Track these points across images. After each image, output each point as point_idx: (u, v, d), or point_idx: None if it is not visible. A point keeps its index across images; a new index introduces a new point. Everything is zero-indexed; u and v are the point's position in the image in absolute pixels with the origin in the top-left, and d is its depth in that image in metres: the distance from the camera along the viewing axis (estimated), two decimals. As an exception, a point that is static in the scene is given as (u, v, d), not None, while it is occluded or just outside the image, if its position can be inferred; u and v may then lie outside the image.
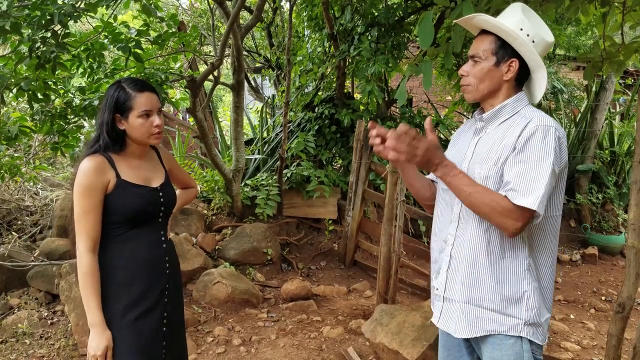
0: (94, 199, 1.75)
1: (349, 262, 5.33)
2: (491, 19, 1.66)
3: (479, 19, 1.68)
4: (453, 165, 1.57)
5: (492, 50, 1.66)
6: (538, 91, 1.71)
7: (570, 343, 3.81)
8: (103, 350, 1.73)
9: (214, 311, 4.09)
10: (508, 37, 1.63)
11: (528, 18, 1.65)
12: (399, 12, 5.62)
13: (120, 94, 1.80)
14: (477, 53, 1.68)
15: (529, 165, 1.54)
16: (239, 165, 5.24)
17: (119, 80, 1.86)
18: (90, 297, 1.73)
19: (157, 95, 1.87)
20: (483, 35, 1.70)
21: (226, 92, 15.15)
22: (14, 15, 2.84)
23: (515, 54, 1.65)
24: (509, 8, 1.70)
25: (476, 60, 1.69)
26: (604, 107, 6.92)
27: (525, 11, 1.67)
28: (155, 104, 1.85)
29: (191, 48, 4.69)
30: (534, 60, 1.65)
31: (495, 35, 1.66)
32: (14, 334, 3.67)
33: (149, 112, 1.82)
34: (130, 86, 1.82)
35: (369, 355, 3.46)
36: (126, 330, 1.78)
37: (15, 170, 4.08)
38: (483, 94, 1.70)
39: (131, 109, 1.80)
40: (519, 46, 1.63)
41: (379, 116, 6.12)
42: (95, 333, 1.74)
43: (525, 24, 1.64)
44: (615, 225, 6.80)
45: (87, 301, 1.74)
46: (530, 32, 1.64)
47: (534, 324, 1.63)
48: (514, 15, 1.66)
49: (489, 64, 1.67)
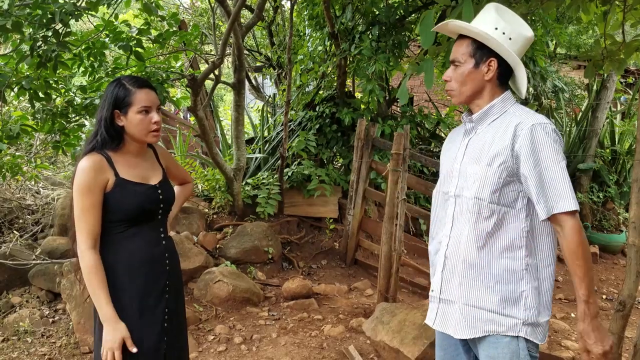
0: (94, 197, 1.75)
1: (349, 260, 5.33)
2: (463, 23, 1.69)
3: (452, 25, 1.71)
4: (588, 294, 1.57)
5: (470, 53, 1.68)
6: (521, 87, 1.73)
7: (571, 341, 3.81)
8: (120, 342, 1.73)
9: (215, 309, 4.10)
10: (482, 39, 1.66)
11: (502, 16, 1.68)
12: (400, 10, 5.62)
13: (120, 90, 1.81)
14: (457, 57, 1.71)
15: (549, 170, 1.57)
16: (240, 164, 5.25)
17: (119, 78, 1.87)
18: (98, 292, 1.73)
19: (156, 93, 1.88)
20: (461, 39, 1.73)
21: (227, 91, 15.14)
22: (15, 14, 2.84)
23: (494, 53, 1.67)
24: (483, 10, 1.73)
25: (456, 64, 1.72)
26: (605, 105, 6.91)
27: (499, 10, 1.69)
28: (155, 101, 1.85)
29: (192, 47, 4.69)
30: (510, 58, 1.66)
31: (472, 38, 1.69)
32: (16, 332, 3.68)
33: (148, 109, 1.83)
34: (129, 83, 1.83)
35: (370, 354, 3.46)
36: (128, 327, 1.78)
37: (17, 169, 4.08)
38: (467, 95, 1.72)
39: (130, 105, 1.80)
40: (494, 46, 1.65)
41: (380, 115, 6.12)
42: (109, 327, 1.73)
43: (500, 23, 1.66)
44: (616, 224, 6.81)
45: (96, 297, 1.74)
46: (506, 30, 1.65)
47: (532, 324, 1.64)
48: (488, 16, 1.69)
49: (469, 67, 1.69)
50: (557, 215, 1.56)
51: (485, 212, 1.64)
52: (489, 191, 1.63)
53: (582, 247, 1.55)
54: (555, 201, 1.55)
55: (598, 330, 1.55)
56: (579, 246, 1.55)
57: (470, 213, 1.67)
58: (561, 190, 1.55)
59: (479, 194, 1.64)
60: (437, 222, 1.84)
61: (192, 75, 4.38)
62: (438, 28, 1.79)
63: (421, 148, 6.48)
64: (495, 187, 1.62)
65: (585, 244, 1.57)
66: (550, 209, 1.56)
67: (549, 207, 1.56)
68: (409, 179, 4.22)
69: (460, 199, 1.71)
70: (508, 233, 1.64)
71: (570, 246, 1.56)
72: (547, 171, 1.56)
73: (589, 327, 1.56)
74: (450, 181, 1.76)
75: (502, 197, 1.63)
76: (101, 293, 1.74)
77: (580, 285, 1.57)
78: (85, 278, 1.74)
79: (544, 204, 1.56)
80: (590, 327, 1.56)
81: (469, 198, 1.67)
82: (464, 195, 1.69)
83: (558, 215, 1.56)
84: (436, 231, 1.83)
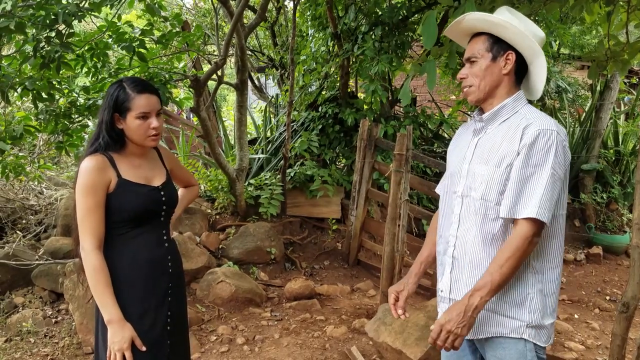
0: (97, 197, 1.75)
1: (352, 261, 5.32)
2: (480, 14, 1.68)
3: (468, 18, 1.70)
4: (482, 285, 1.56)
5: (487, 48, 1.68)
6: (539, 83, 1.72)
7: (575, 343, 3.80)
8: (129, 342, 1.72)
9: (217, 310, 4.10)
10: (500, 28, 1.65)
11: (516, 17, 1.68)
12: (403, 11, 5.61)
13: (120, 94, 1.80)
14: (473, 54, 1.70)
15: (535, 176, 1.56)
16: (242, 165, 5.25)
17: (121, 79, 1.85)
18: (103, 293, 1.72)
19: (157, 97, 1.86)
20: (476, 37, 1.72)
21: (230, 92, 15.17)
22: (19, 15, 2.84)
23: (511, 47, 1.66)
24: (496, 12, 1.73)
25: (473, 60, 1.70)
26: (608, 106, 6.89)
27: (511, 12, 1.70)
28: (155, 106, 1.83)
29: (195, 47, 4.69)
30: (530, 47, 1.65)
31: (487, 34, 1.68)
32: (19, 332, 3.69)
33: (147, 114, 1.81)
34: (130, 86, 1.81)
35: (373, 355, 3.46)
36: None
37: (20, 170, 4.09)
38: (485, 91, 1.70)
39: (129, 110, 1.79)
40: (512, 36, 1.64)
41: (383, 115, 6.11)
42: (116, 328, 1.72)
43: (514, 22, 1.66)
44: (619, 225, 6.78)
45: (100, 298, 1.72)
46: (519, 27, 1.65)
47: (537, 326, 1.63)
48: (502, 17, 1.69)
49: (487, 61, 1.68)
50: (517, 218, 1.56)
51: (491, 213, 1.63)
52: (496, 192, 1.61)
53: (513, 251, 1.54)
54: (523, 206, 1.55)
55: (462, 313, 1.54)
56: (511, 249, 1.54)
57: (477, 214, 1.66)
58: (534, 197, 1.54)
59: (485, 195, 1.63)
60: (444, 220, 1.83)
61: (195, 75, 4.38)
62: (453, 25, 1.76)
63: (424, 149, 6.47)
64: (502, 189, 1.61)
65: (520, 252, 1.54)
66: (514, 212, 1.56)
67: (514, 209, 1.56)
68: (412, 179, 4.21)
69: (468, 199, 1.70)
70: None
71: (506, 245, 1.56)
72: (530, 175, 1.56)
73: (456, 306, 1.56)
74: (459, 181, 1.75)
75: None
76: (106, 294, 1.72)
77: (484, 276, 1.56)
78: (89, 279, 1.73)
79: (511, 204, 1.57)
80: (457, 307, 1.56)
81: (476, 199, 1.66)
82: (472, 195, 1.68)
83: (519, 219, 1.56)
84: (444, 230, 1.82)
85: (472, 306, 1.54)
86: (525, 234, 1.54)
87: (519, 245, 1.54)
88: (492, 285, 1.54)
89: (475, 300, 1.54)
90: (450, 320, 1.55)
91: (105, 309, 1.72)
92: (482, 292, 1.55)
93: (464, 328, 1.55)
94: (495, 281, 1.54)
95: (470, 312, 1.54)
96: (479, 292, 1.55)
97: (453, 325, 1.54)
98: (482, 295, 1.54)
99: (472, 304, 1.54)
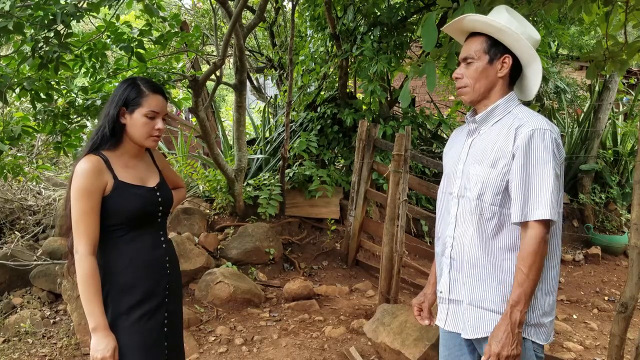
0: (92, 201, 1.72)
1: (351, 261, 5.32)
2: (481, 17, 1.68)
3: (468, 19, 1.70)
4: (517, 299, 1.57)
5: (484, 50, 1.68)
6: (533, 86, 1.72)
7: (573, 343, 3.80)
8: (112, 351, 1.70)
9: (216, 310, 4.09)
10: (500, 32, 1.65)
11: (514, 18, 1.68)
12: (402, 11, 5.61)
13: (133, 89, 1.81)
14: (470, 54, 1.70)
15: (536, 176, 1.56)
16: (241, 165, 5.24)
17: (134, 77, 1.87)
18: (92, 301, 1.70)
19: (167, 101, 1.88)
20: (473, 37, 1.72)
21: (229, 92, 15.15)
22: (17, 15, 2.84)
23: (508, 50, 1.66)
24: (494, 11, 1.72)
25: (469, 61, 1.70)
26: (607, 106, 6.90)
27: (510, 12, 1.70)
28: (163, 109, 1.85)
29: (194, 48, 4.69)
30: (527, 52, 1.66)
31: (485, 35, 1.68)
32: (17, 333, 3.68)
33: (156, 115, 1.82)
34: (145, 85, 1.83)
35: (371, 355, 3.46)
36: (129, 331, 1.78)
37: (18, 170, 4.08)
38: (480, 92, 1.71)
39: (139, 106, 1.80)
40: (511, 40, 1.65)
41: (382, 116, 6.12)
42: (101, 337, 1.70)
43: (513, 23, 1.66)
44: (618, 225, 6.79)
45: (89, 305, 1.70)
46: (518, 30, 1.66)
47: (535, 325, 1.64)
48: (500, 16, 1.69)
49: (483, 63, 1.68)
50: (529, 221, 1.57)
51: (487, 213, 1.64)
52: (491, 193, 1.63)
53: (533, 256, 1.55)
54: (534, 208, 1.55)
55: (511, 334, 1.55)
56: (531, 255, 1.55)
57: (473, 214, 1.67)
58: (542, 197, 1.55)
59: (481, 196, 1.64)
60: (441, 221, 1.84)
61: (194, 76, 4.38)
62: (452, 23, 1.77)
63: (423, 149, 6.48)
64: (497, 189, 1.62)
65: (540, 256, 1.56)
66: (525, 215, 1.57)
67: (525, 212, 1.57)
68: (411, 180, 4.21)
69: (463, 200, 1.71)
70: (510, 234, 1.64)
71: (524, 252, 1.57)
72: (533, 176, 1.56)
73: (501, 328, 1.57)
74: (454, 181, 1.76)
75: (504, 199, 1.63)
76: (95, 301, 1.70)
77: (515, 290, 1.57)
78: (80, 284, 1.70)
79: (521, 208, 1.57)
80: (502, 329, 1.56)
81: (471, 199, 1.67)
82: (467, 196, 1.69)
83: (530, 221, 1.57)
84: (441, 231, 1.83)
85: (515, 323, 1.56)
86: (540, 236, 1.55)
87: (537, 249, 1.55)
88: (526, 296, 1.56)
89: (517, 316, 1.56)
90: (503, 346, 1.55)
91: (92, 317, 1.70)
92: (519, 306, 1.56)
93: (518, 346, 1.56)
94: (527, 291, 1.56)
95: (516, 329, 1.56)
96: (517, 307, 1.56)
97: (508, 350, 1.55)
98: (520, 309, 1.56)
99: (515, 321, 1.56)
